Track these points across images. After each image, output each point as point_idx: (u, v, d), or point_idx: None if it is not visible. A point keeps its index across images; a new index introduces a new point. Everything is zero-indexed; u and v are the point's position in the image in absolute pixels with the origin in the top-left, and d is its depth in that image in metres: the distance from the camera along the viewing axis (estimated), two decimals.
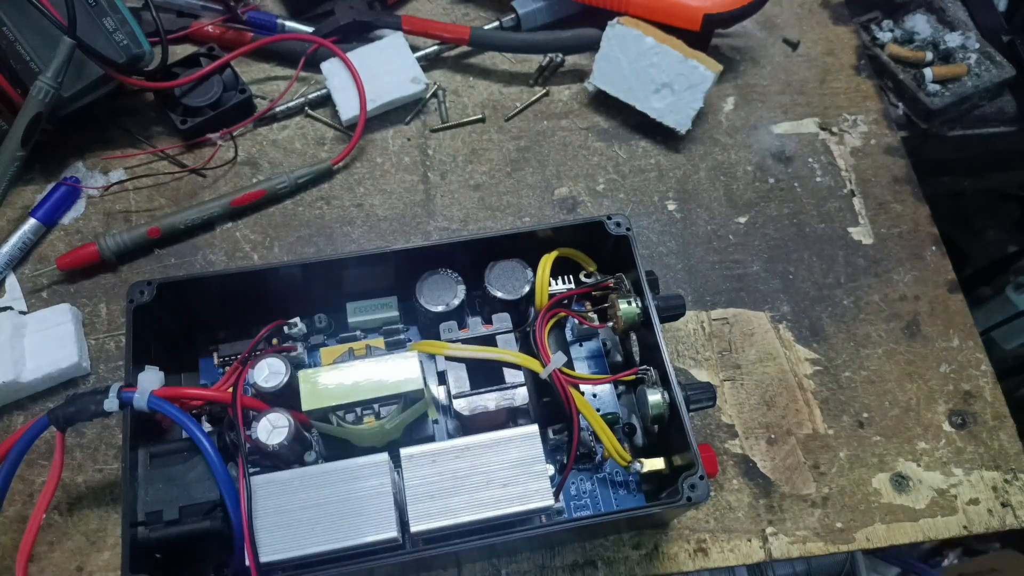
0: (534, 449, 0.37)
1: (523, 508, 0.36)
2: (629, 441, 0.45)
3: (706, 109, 0.58)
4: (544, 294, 0.43)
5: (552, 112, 0.59)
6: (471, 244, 0.43)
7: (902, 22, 0.66)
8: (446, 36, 0.59)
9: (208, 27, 0.59)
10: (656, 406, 0.39)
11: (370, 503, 0.36)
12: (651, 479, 0.43)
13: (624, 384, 0.45)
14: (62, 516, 0.44)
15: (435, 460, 0.37)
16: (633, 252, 0.43)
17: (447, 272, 0.44)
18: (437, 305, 0.43)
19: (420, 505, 0.36)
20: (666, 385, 0.40)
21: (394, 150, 0.57)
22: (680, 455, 0.39)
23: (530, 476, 0.37)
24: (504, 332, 0.42)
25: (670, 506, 0.37)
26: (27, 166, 0.53)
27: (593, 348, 0.47)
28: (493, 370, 0.41)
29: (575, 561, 0.44)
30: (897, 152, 0.59)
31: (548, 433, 0.42)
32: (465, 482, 0.37)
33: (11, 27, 0.48)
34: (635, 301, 0.42)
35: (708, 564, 0.44)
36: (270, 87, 0.59)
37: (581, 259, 0.45)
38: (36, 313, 0.48)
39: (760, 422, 0.48)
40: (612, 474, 0.44)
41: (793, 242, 0.55)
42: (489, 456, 0.37)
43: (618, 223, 0.44)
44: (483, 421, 0.40)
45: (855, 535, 0.45)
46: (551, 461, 0.42)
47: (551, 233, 0.44)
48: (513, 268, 0.44)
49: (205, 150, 0.56)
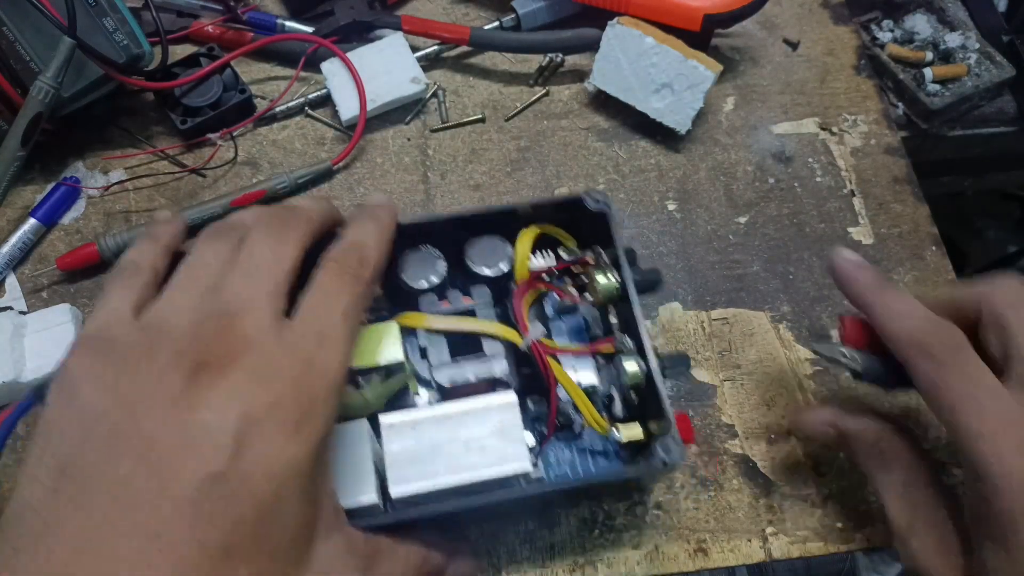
0: (512, 415, 0.38)
1: (501, 471, 0.37)
2: (609, 412, 0.45)
3: (706, 109, 0.58)
4: (524, 268, 0.43)
5: (552, 112, 0.59)
6: (452, 221, 0.44)
7: (902, 22, 0.66)
8: (446, 36, 0.59)
9: (208, 27, 0.59)
10: (633, 375, 0.40)
11: (351, 469, 0.36)
12: (630, 448, 0.43)
13: (604, 358, 0.45)
14: None
15: (415, 427, 0.37)
16: (611, 228, 0.43)
17: (428, 249, 0.44)
18: (419, 281, 0.43)
19: (399, 471, 0.36)
20: (642, 355, 0.40)
21: (394, 150, 0.57)
22: (657, 422, 0.39)
23: (508, 441, 0.37)
24: (484, 306, 0.42)
25: (644, 468, 0.38)
26: (27, 166, 0.53)
27: (574, 323, 0.48)
28: (473, 343, 0.41)
29: (575, 561, 0.44)
30: (897, 152, 0.59)
31: (528, 404, 0.42)
32: (444, 448, 0.37)
33: (11, 27, 0.48)
34: (612, 274, 0.42)
35: (708, 564, 0.44)
36: (270, 87, 0.59)
37: (561, 236, 0.46)
38: (36, 313, 0.48)
39: (760, 422, 0.48)
40: (591, 443, 0.44)
41: (793, 242, 0.55)
42: (468, 422, 0.38)
43: (596, 200, 0.44)
44: (464, 393, 0.40)
45: (855, 535, 0.45)
46: (532, 431, 0.43)
47: (531, 210, 0.44)
48: (494, 244, 0.44)
49: (205, 150, 0.56)
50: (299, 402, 0.29)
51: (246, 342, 0.29)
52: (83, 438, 0.28)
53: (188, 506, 0.27)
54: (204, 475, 0.27)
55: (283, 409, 0.29)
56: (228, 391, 0.28)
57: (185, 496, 0.27)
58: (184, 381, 0.28)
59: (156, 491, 0.27)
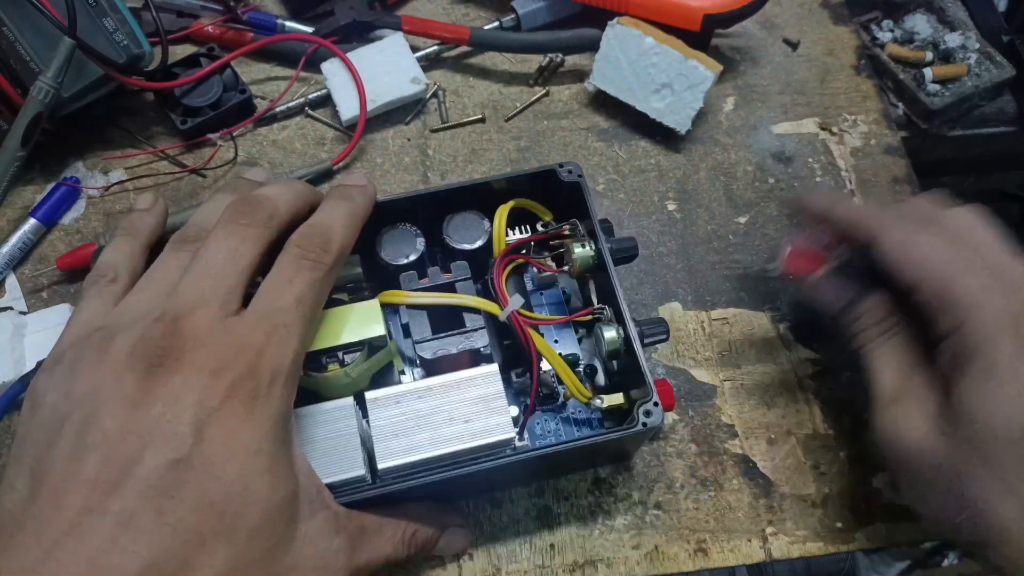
0: (494, 386, 0.39)
1: (485, 441, 0.37)
2: (591, 381, 0.46)
3: (706, 109, 0.58)
4: (501, 242, 0.44)
5: (552, 112, 0.59)
6: (427, 197, 0.44)
7: (902, 22, 0.66)
8: (446, 36, 0.59)
9: (208, 27, 0.59)
10: (612, 342, 0.40)
11: (338, 444, 0.37)
12: (613, 415, 0.43)
13: (585, 328, 0.45)
14: None
15: (399, 401, 0.38)
16: (586, 198, 0.43)
17: (405, 226, 0.44)
18: (398, 258, 0.43)
19: (386, 444, 0.37)
20: (621, 323, 0.40)
21: (394, 150, 0.57)
22: (638, 389, 0.39)
23: (491, 411, 0.38)
24: (463, 279, 0.43)
25: (626, 432, 0.38)
26: (27, 166, 0.53)
27: (554, 296, 0.48)
28: (455, 317, 0.42)
29: (575, 561, 0.44)
30: (897, 152, 0.59)
31: (512, 376, 0.43)
32: (429, 420, 0.38)
33: (11, 27, 0.48)
34: (589, 244, 0.43)
35: (708, 564, 0.44)
36: (270, 87, 0.59)
37: (537, 209, 0.46)
38: (36, 313, 0.48)
39: (760, 422, 0.48)
40: (575, 412, 0.44)
41: None
42: (451, 395, 0.38)
43: (569, 171, 0.44)
44: (447, 366, 0.40)
45: (855, 535, 0.45)
46: (516, 403, 0.43)
47: (506, 184, 0.45)
48: (471, 219, 0.45)
49: (205, 150, 0.56)
50: (251, 387, 0.31)
51: (195, 339, 0.31)
52: (50, 443, 0.29)
53: (153, 493, 0.28)
54: (166, 462, 0.28)
55: (236, 395, 0.30)
56: (181, 385, 0.30)
57: (150, 483, 0.28)
58: (139, 380, 0.30)
59: (121, 482, 0.28)
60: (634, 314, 0.45)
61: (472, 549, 0.44)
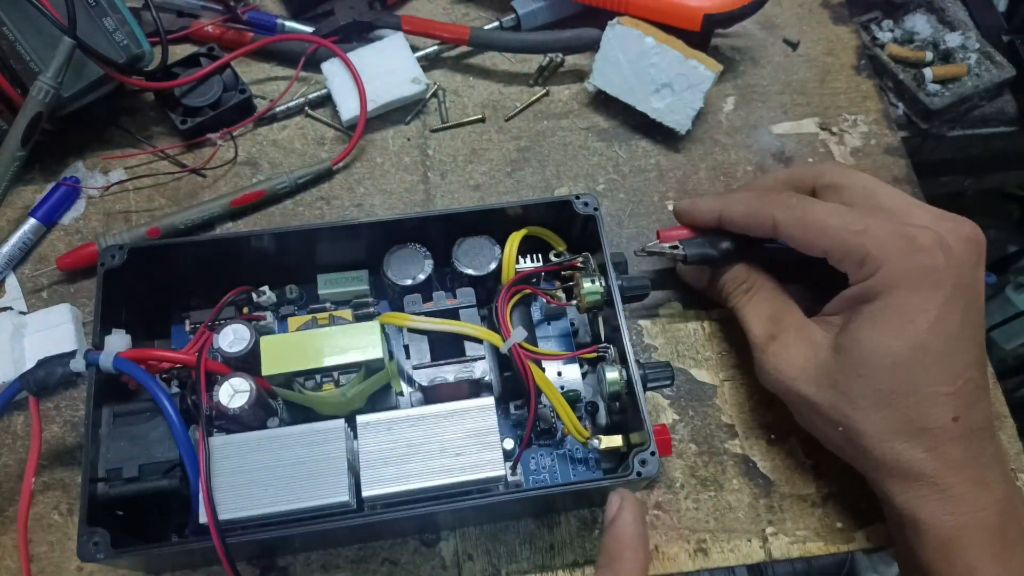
0: (489, 420, 0.38)
1: (475, 477, 0.37)
2: (592, 419, 0.45)
3: (706, 109, 0.58)
4: (511, 270, 0.43)
5: (552, 112, 0.59)
6: (441, 219, 0.44)
7: (902, 22, 0.66)
8: (446, 36, 0.59)
9: (208, 27, 0.59)
10: (613, 383, 0.40)
11: (325, 467, 0.36)
12: (611, 457, 0.43)
13: (590, 364, 0.45)
14: (62, 516, 0.44)
15: (391, 428, 0.38)
16: (600, 233, 0.43)
17: (416, 247, 0.44)
18: (404, 279, 0.43)
19: (374, 471, 0.37)
20: (625, 364, 0.40)
21: (394, 150, 0.57)
22: (637, 433, 0.39)
23: (483, 446, 0.37)
24: (467, 306, 0.42)
25: (619, 479, 0.38)
26: (27, 166, 0.53)
27: (561, 328, 0.48)
28: (455, 344, 0.41)
29: (575, 561, 0.44)
30: (897, 152, 0.59)
31: (510, 408, 0.42)
32: (419, 450, 0.37)
33: (11, 27, 0.48)
34: (599, 280, 0.42)
35: (708, 564, 0.44)
36: (270, 87, 0.59)
37: (551, 238, 0.46)
38: (36, 313, 0.48)
39: (760, 422, 0.48)
40: (572, 450, 0.44)
41: None
42: (444, 426, 0.38)
43: (586, 203, 0.44)
44: (444, 394, 0.40)
45: (855, 535, 0.45)
46: (512, 436, 0.43)
47: (521, 211, 0.45)
48: (482, 244, 0.44)
49: (205, 150, 0.56)
50: None
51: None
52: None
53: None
54: None
55: None
56: None
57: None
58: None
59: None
60: (639, 356, 0.45)
61: (472, 549, 0.44)
